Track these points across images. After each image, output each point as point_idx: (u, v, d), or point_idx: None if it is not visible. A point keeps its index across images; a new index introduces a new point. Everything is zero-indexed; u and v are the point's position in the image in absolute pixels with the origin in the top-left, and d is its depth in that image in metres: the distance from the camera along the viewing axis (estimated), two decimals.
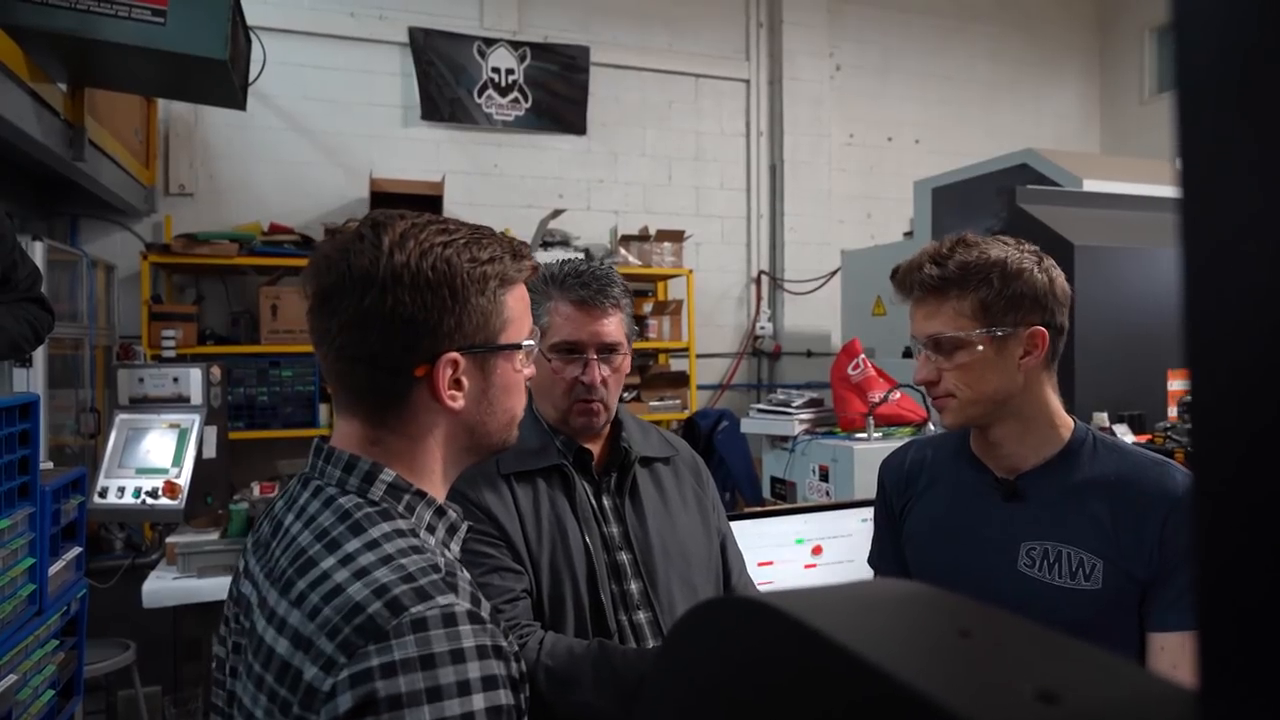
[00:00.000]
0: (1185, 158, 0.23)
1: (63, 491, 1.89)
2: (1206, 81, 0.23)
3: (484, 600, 0.77)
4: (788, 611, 0.31)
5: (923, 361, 1.20)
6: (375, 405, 0.82)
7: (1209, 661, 0.26)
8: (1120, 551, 1.12)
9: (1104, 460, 1.18)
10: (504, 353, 0.85)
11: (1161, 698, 0.26)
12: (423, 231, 0.81)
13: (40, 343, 2.05)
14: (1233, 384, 0.23)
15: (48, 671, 1.75)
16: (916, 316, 1.21)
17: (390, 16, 4.57)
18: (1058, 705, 0.25)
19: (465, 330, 0.81)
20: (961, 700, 0.25)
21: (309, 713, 0.68)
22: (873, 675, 0.27)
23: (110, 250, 4.06)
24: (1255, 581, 0.23)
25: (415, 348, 0.79)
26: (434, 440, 0.84)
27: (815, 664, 0.29)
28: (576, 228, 4.72)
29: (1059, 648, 0.31)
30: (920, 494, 1.31)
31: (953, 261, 1.17)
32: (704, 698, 0.35)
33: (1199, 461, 0.24)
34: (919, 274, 1.19)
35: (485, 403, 0.85)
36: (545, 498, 1.27)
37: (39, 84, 2.53)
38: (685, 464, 1.45)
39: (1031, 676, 0.27)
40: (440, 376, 0.80)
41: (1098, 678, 0.28)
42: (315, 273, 0.82)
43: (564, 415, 1.30)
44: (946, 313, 1.17)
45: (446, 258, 0.80)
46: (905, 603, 0.36)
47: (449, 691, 0.66)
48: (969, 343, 1.16)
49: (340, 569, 0.72)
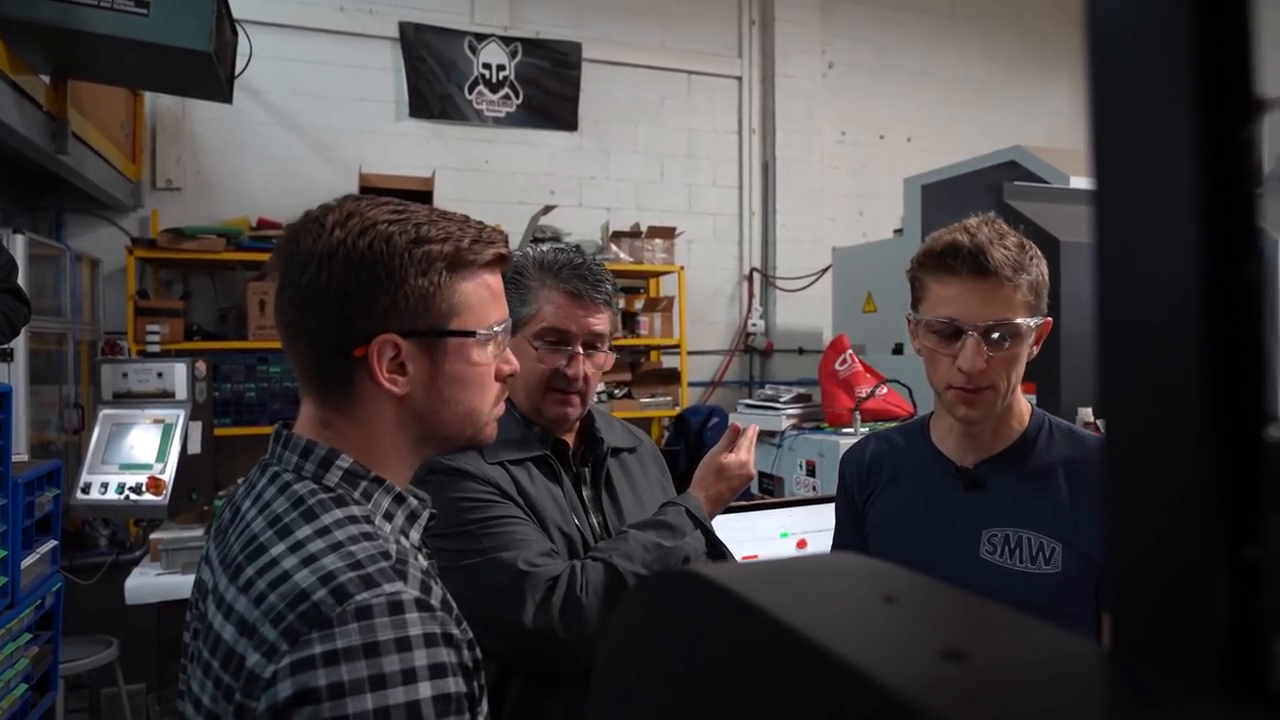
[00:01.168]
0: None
1: (37, 484, 1.88)
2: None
3: (435, 587, 0.76)
4: (724, 584, 0.31)
5: (976, 350, 1.10)
6: (322, 386, 0.82)
7: (1120, 623, 0.26)
8: (1079, 534, 1.12)
9: (1060, 445, 1.19)
10: (455, 340, 0.82)
11: (1073, 656, 0.26)
12: (371, 210, 0.80)
13: (16, 334, 2.03)
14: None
15: (20, 665, 1.73)
16: (968, 300, 1.11)
17: (380, 11, 4.56)
18: (961, 663, 0.25)
19: (402, 311, 0.79)
20: (867, 658, 0.25)
21: (249, 700, 0.67)
22: (792, 639, 0.28)
23: (96, 245, 4.03)
24: (1159, 553, 0.23)
25: (349, 326, 0.78)
26: (383, 426, 0.82)
27: (746, 632, 0.30)
28: (568, 224, 4.70)
29: (981, 613, 0.30)
30: (883, 486, 1.31)
31: (1011, 243, 1.11)
32: (648, 670, 0.35)
33: (1110, 440, 0.25)
34: (994, 252, 1.09)
35: (435, 391, 0.82)
36: (542, 485, 1.27)
37: (20, 75, 2.51)
38: (648, 454, 1.47)
39: (944, 638, 0.27)
40: (375, 358, 0.78)
41: (1010, 639, 0.27)
42: (274, 255, 0.82)
43: (538, 405, 1.30)
44: (1007, 298, 1.11)
45: (387, 235, 0.78)
46: (838, 573, 0.37)
47: (393, 680, 0.65)
48: (1025, 332, 1.12)
49: (289, 555, 0.72)
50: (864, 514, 1.33)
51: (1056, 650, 0.26)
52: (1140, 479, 0.23)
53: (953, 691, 0.22)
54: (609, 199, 5.02)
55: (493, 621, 1.11)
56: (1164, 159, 0.21)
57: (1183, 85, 0.21)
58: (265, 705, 0.65)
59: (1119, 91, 0.23)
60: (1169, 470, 0.22)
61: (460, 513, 1.18)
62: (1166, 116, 0.21)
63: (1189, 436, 0.21)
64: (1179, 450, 0.22)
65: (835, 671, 0.25)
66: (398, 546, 0.76)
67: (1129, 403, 0.23)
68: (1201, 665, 0.22)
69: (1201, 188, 0.21)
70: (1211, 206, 0.20)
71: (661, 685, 0.35)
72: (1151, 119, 0.22)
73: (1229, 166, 0.20)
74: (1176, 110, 0.21)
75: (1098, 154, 0.24)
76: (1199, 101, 0.20)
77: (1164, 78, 0.21)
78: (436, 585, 0.76)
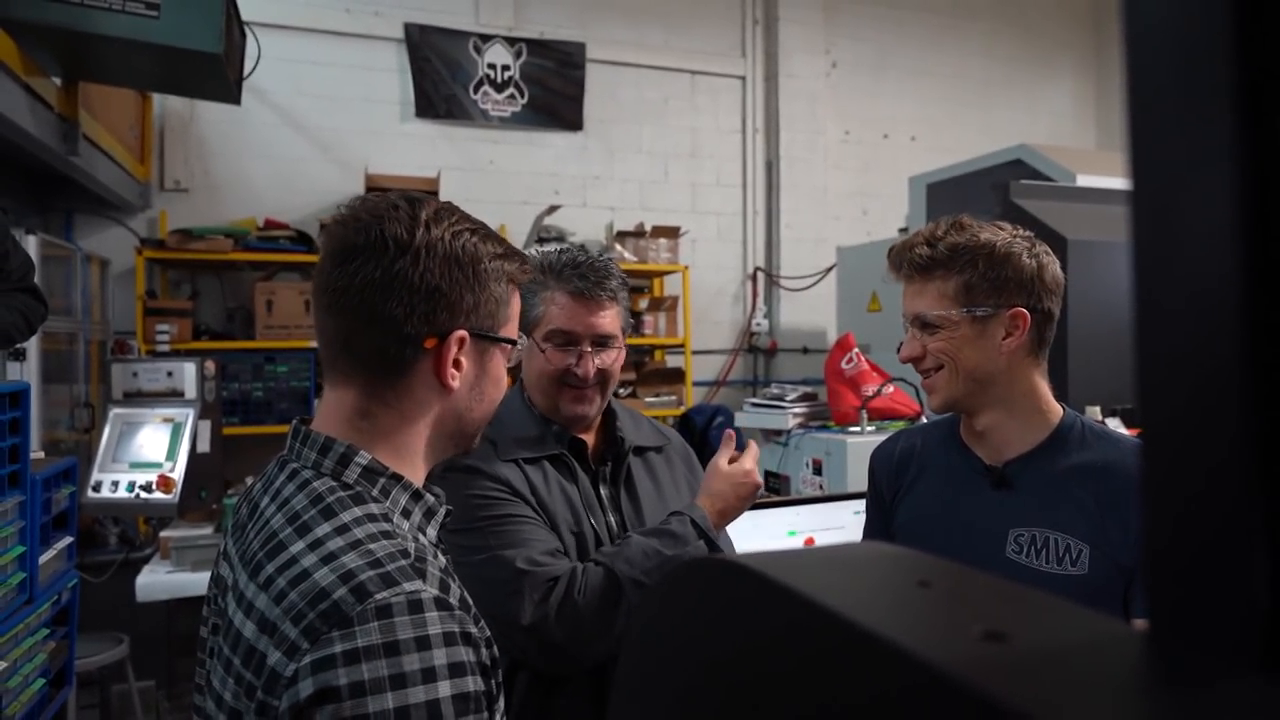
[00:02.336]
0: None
1: (54, 481, 1.89)
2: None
3: (454, 585, 0.76)
4: (756, 569, 0.32)
5: (909, 339, 1.23)
6: (377, 373, 0.82)
7: (1157, 603, 0.26)
8: (1107, 538, 1.12)
9: (1093, 447, 1.18)
10: (500, 345, 0.88)
11: (1113, 637, 0.26)
12: (454, 215, 0.85)
13: (33, 332, 2.05)
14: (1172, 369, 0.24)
15: (38, 660, 1.75)
16: (906, 295, 1.24)
17: (386, 12, 4.57)
18: (1003, 643, 0.25)
19: (479, 313, 0.84)
20: (911, 640, 0.26)
21: (271, 698, 0.67)
22: (831, 621, 0.28)
23: (105, 246, 4.05)
24: (1196, 532, 0.24)
25: (433, 319, 0.81)
26: (423, 421, 0.84)
27: (780, 616, 0.30)
28: (572, 224, 4.71)
29: (1016, 596, 0.31)
30: (911, 483, 1.31)
31: (944, 243, 1.19)
32: (681, 655, 0.35)
33: (1146, 423, 0.25)
34: (910, 254, 1.22)
35: (476, 390, 0.87)
36: (555, 483, 1.28)
37: (32, 78, 2.52)
38: (677, 453, 1.46)
39: (983, 620, 0.27)
40: (447, 352, 0.82)
41: (1049, 621, 0.28)
42: (342, 231, 0.82)
43: (554, 404, 1.31)
44: (931, 293, 1.20)
45: (474, 242, 0.84)
46: (870, 560, 0.37)
47: (413, 679, 0.66)
48: (950, 321, 1.18)
49: (308, 554, 0.72)
50: (892, 510, 1.33)
51: (1095, 631, 0.27)
52: (1178, 456, 0.24)
53: (1002, 670, 0.23)
54: (613, 199, 5.03)
55: (492, 617, 1.13)
56: (1206, 133, 0.22)
57: (1224, 73, 0.21)
58: (287, 704, 0.66)
59: (1158, 75, 0.24)
60: (1207, 446, 0.23)
61: (472, 509, 1.19)
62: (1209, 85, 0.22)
63: (1228, 411, 0.22)
64: (1218, 426, 0.22)
65: (880, 652, 0.26)
66: (416, 544, 0.77)
67: (1167, 378, 0.24)
68: (1241, 644, 0.22)
69: (1243, 165, 0.21)
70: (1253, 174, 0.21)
71: (690, 672, 0.35)
72: (1194, 90, 0.22)
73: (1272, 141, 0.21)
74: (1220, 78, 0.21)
75: (1135, 131, 0.24)
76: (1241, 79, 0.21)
77: (1204, 60, 0.22)
78: (454, 583, 0.77)
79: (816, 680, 0.28)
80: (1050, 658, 0.25)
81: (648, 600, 0.39)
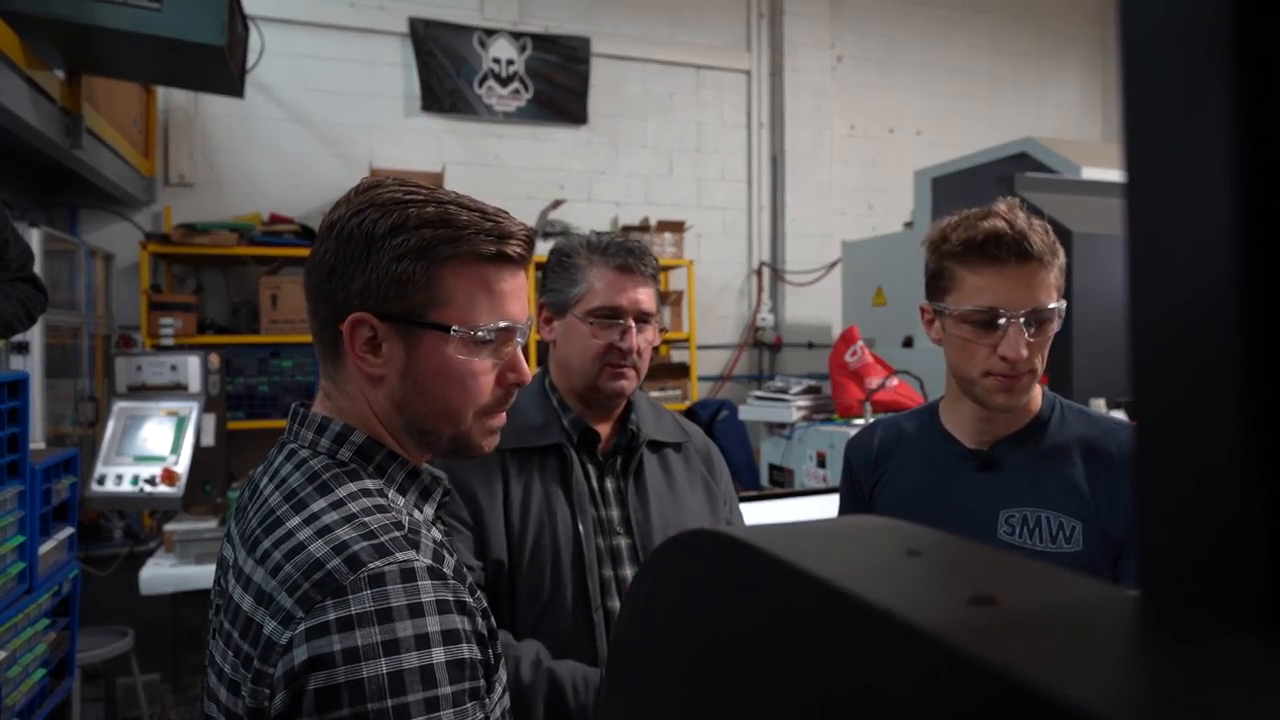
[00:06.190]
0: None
1: (54, 471, 1.90)
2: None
3: (448, 557, 0.76)
4: (747, 540, 0.32)
5: (1019, 337, 1.10)
6: (323, 357, 0.85)
7: (1151, 563, 0.26)
8: (1096, 512, 1.12)
9: (1073, 425, 1.19)
10: (434, 332, 0.79)
11: (1103, 599, 0.26)
12: (382, 191, 0.82)
13: (33, 321, 2.05)
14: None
15: (39, 650, 1.76)
16: (1010, 288, 1.10)
17: (390, 7, 4.57)
18: (991, 606, 0.25)
19: (374, 292, 0.79)
20: (897, 604, 0.25)
21: (267, 666, 0.68)
22: (819, 587, 0.28)
23: (110, 240, 4.06)
24: (1183, 492, 0.24)
25: (332, 299, 0.81)
26: (367, 405, 0.83)
27: (771, 584, 0.30)
28: (577, 219, 4.71)
29: (1005, 563, 0.31)
30: (893, 472, 1.30)
31: (1039, 226, 1.11)
32: (678, 627, 0.35)
33: (1140, 375, 0.26)
34: (1028, 242, 1.09)
35: (409, 381, 0.80)
36: (538, 479, 1.26)
37: (35, 71, 2.52)
38: (698, 451, 1.43)
39: (971, 585, 0.27)
40: (349, 333, 0.80)
41: (1037, 585, 0.28)
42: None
43: (593, 381, 1.29)
44: (1047, 283, 1.11)
45: (375, 217, 0.79)
46: (857, 531, 0.37)
47: (406, 645, 0.66)
48: (1059, 315, 1.13)
49: (304, 527, 0.73)
50: (871, 500, 1.33)
51: (1085, 594, 0.27)
52: (1173, 413, 0.23)
53: (988, 632, 0.23)
54: (618, 193, 5.02)
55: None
56: (1203, 120, 0.22)
57: (1221, 63, 0.21)
58: (282, 671, 0.67)
59: (1155, 65, 0.23)
60: (1202, 403, 0.22)
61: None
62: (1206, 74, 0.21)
63: (1224, 367, 0.21)
64: (1213, 381, 0.22)
65: (867, 617, 0.26)
66: (410, 518, 0.78)
67: (1163, 336, 0.24)
68: (1237, 602, 0.22)
69: (1240, 145, 0.21)
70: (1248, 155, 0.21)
71: (683, 646, 0.35)
72: (1192, 80, 0.22)
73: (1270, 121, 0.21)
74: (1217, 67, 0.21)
75: (1130, 118, 0.24)
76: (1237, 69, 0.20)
77: (1202, 52, 0.21)
78: (450, 555, 0.77)
79: (810, 650, 0.28)
80: (1040, 620, 0.24)
81: (641, 576, 0.39)
